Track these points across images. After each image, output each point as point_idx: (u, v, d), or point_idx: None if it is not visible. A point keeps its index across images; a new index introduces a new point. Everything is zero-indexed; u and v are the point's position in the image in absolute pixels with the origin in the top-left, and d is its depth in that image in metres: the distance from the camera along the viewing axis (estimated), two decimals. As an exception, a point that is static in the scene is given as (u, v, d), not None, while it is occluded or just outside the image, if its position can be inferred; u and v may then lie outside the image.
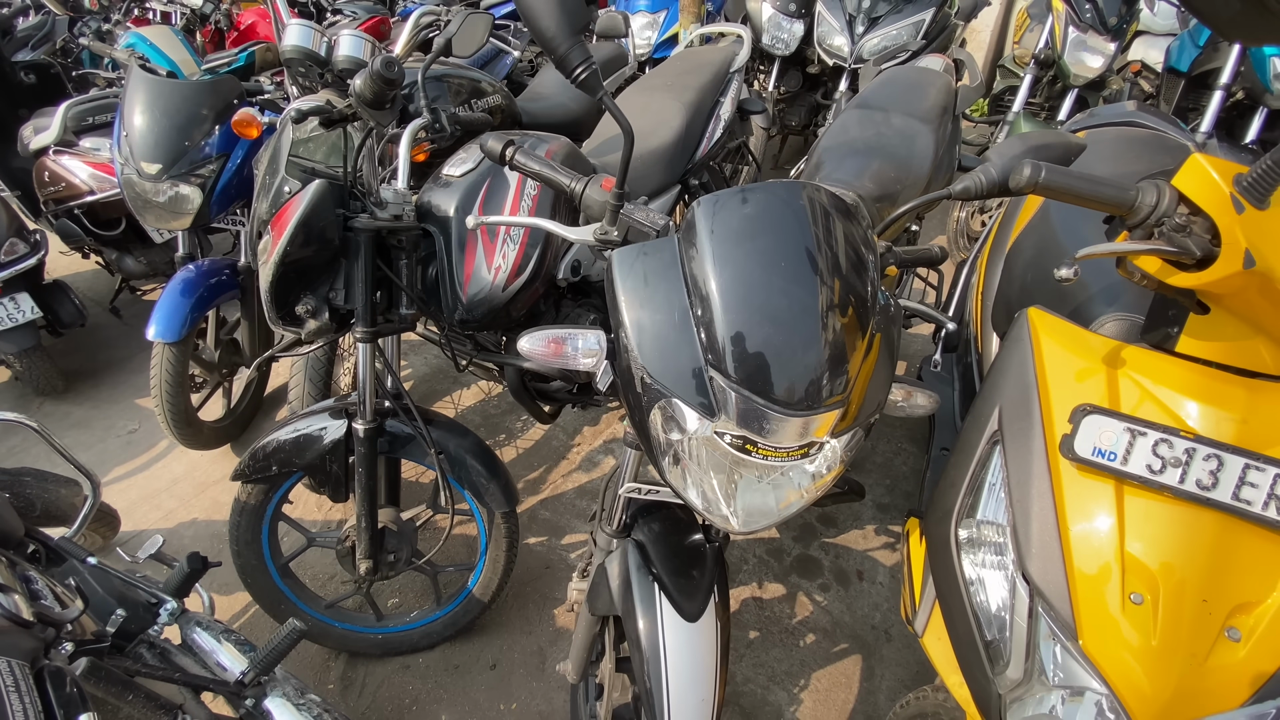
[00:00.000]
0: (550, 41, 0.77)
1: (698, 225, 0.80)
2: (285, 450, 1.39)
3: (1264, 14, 0.53)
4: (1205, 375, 0.76)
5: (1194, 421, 0.74)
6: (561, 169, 0.94)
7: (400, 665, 1.65)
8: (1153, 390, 0.77)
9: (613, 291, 0.82)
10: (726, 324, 0.75)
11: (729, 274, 0.76)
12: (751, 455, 0.77)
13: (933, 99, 1.76)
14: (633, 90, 2.08)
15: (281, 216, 1.15)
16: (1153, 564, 0.72)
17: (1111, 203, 0.73)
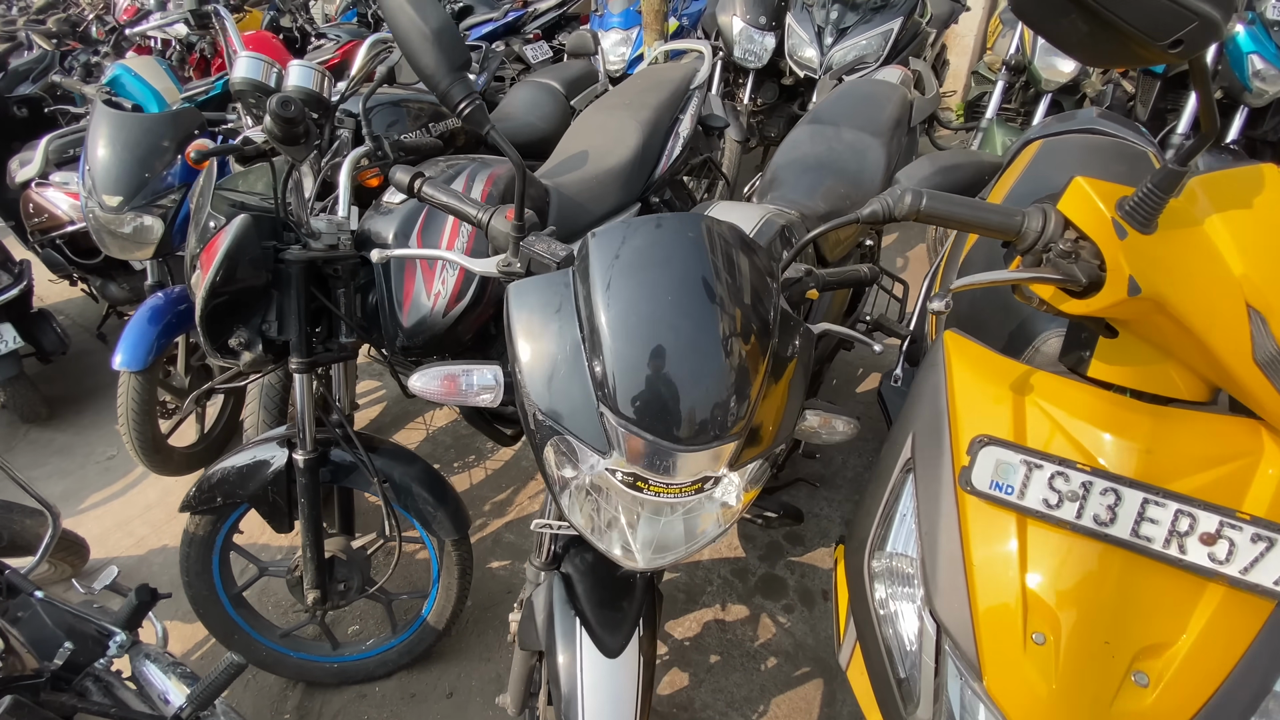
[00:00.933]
0: (431, 80, 0.77)
1: (590, 258, 0.79)
2: (230, 481, 1.39)
3: (1112, 35, 0.51)
4: (1111, 403, 0.74)
5: (1098, 451, 0.71)
6: (468, 200, 0.94)
7: (357, 694, 1.64)
8: (1058, 418, 0.75)
9: (508, 325, 0.81)
10: (615, 359, 0.73)
11: (617, 308, 0.74)
12: (644, 492, 0.75)
13: (886, 112, 1.74)
14: (591, 110, 2.08)
15: (209, 250, 1.16)
16: (1054, 602, 0.69)
17: (997, 229, 0.71)
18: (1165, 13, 0.49)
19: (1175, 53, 0.51)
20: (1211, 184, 0.69)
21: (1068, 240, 0.68)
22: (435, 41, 0.74)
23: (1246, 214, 0.65)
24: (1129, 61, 0.55)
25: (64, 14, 5.43)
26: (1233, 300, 0.64)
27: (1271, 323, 0.63)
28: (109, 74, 2.88)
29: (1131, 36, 0.51)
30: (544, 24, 4.44)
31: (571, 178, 1.83)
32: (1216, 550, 0.64)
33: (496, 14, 4.30)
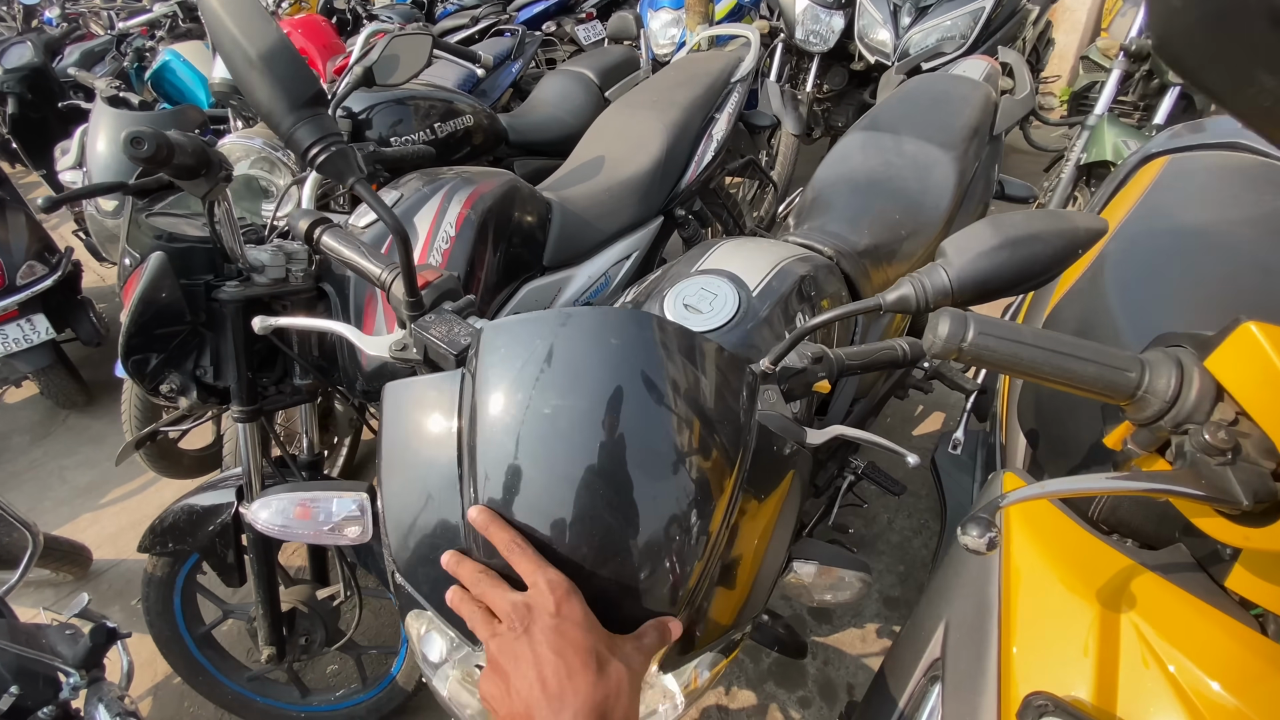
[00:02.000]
0: (269, 118, 0.56)
1: (480, 363, 0.57)
2: (179, 528, 1.28)
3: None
4: (1251, 650, 0.46)
5: (1216, 710, 0.44)
6: (373, 257, 0.73)
7: (324, 747, 1.53)
8: (1171, 665, 0.48)
9: (379, 440, 0.61)
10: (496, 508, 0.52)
11: (505, 438, 0.53)
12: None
13: (961, 118, 1.41)
14: (614, 108, 1.84)
15: (128, 289, 1.02)
16: None
17: (1096, 388, 0.44)
18: None
19: None
20: None
21: (1222, 423, 0.41)
22: (266, 69, 0.54)
23: None
24: None
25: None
26: None
27: None
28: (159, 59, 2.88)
29: None
30: (599, 2, 4.18)
31: (581, 190, 1.61)
32: None
33: (548, -9, 4.08)
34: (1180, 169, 1.27)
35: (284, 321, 0.76)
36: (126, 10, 4.35)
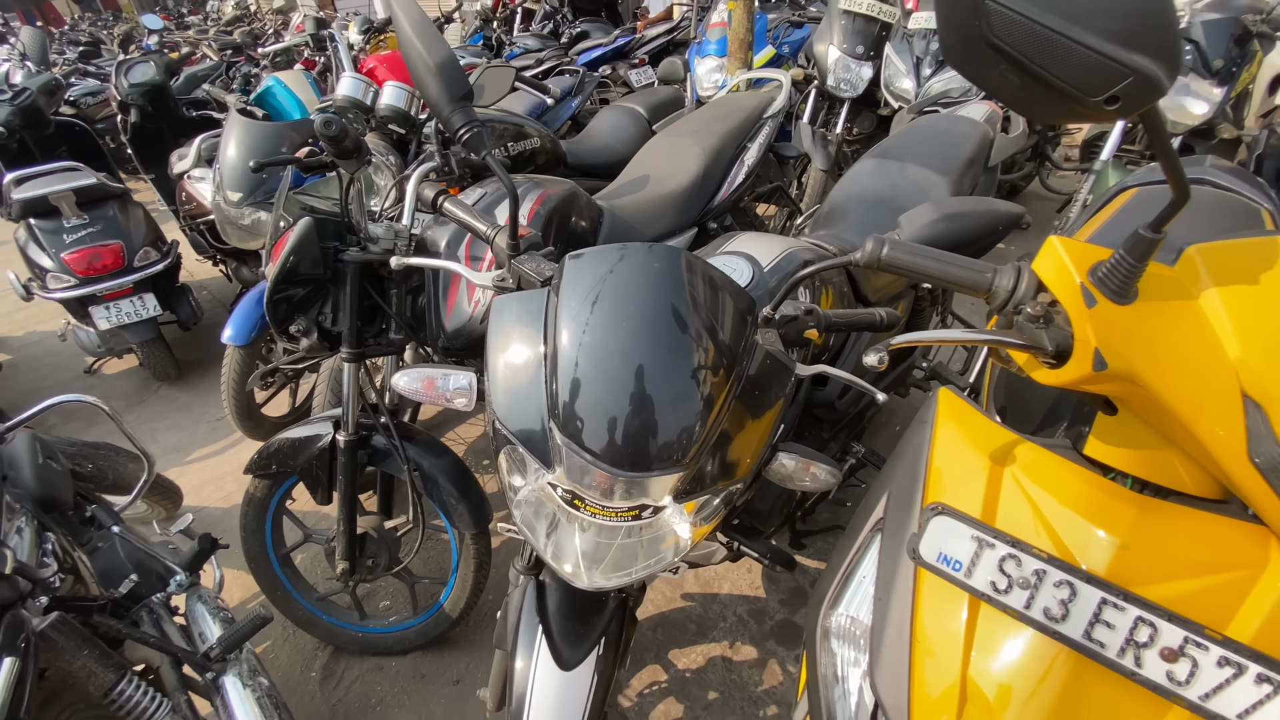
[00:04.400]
0: (435, 106, 0.84)
1: (564, 279, 0.82)
2: (284, 453, 1.54)
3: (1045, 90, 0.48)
4: (1097, 488, 0.67)
5: (1069, 540, 0.64)
6: (480, 217, 1.00)
7: (375, 665, 1.75)
8: (1035, 497, 0.68)
9: (488, 335, 0.86)
10: (566, 379, 0.76)
11: (575, 330, 0.77)
12: (580, 511, 0.77)
13: (959, 149, 1.65)
14: (661, 136, 2.13)
15: (279, 246, 1.31)
16: (993, 695, 0.63)
17: (965, 284, 0.67)
18: (1097, 68, 0.45)
19: (1113, 110, 0.46)
20: (1214, 253, 0.61)
21: (1040, 303, 0.63)
22: (439, 74, 0.81)
23: (1251, 290, 0.57)
24: (1068, 117, 0.50)
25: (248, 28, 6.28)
26: (1226, 387, 0.56)
27: (1273, 417, 0.55)
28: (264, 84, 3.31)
29: (1064, 92, 0.47)
30: (651, 50, 4.58)
31: (629, 200, 1.88)
32: (1176, 669, 0.56)
33: (606, 39, 4.50)
34: (1147, 196, 1.49)
35: (415, 261, 1.04)
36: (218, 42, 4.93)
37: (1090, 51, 0.45)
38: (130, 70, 3.68)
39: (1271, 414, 0.55)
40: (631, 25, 5.02)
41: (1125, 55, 0.44)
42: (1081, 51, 0.45)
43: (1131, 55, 0.44)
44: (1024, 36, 0.46)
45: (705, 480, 0.81)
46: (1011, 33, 0.46)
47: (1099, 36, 0.44)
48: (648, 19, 5.23)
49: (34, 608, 1.10)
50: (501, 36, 4.78)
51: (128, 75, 3.64)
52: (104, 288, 2.63)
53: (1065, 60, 0.46)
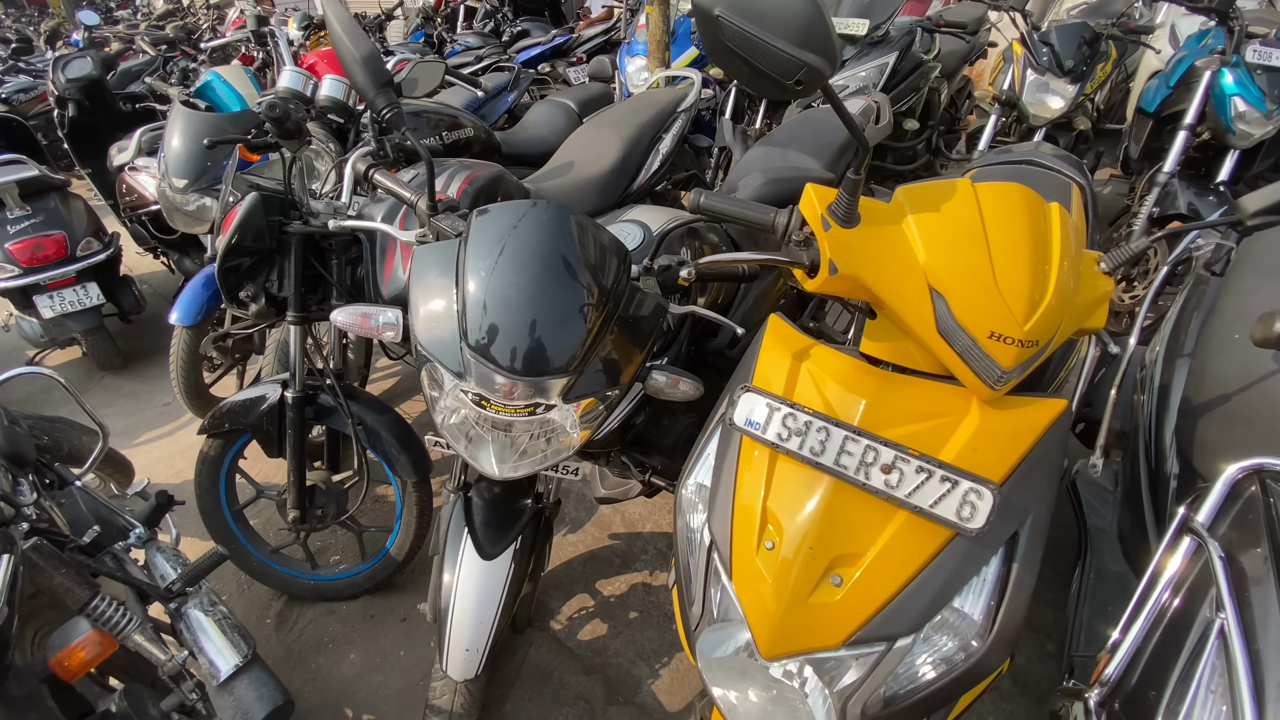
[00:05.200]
0: (362, 91, 1.03)
1: (470, 229, 1.03)
2: (236, 411, 1.69)
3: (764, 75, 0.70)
4: (855, 369, 0.91)
5: (834, 402, 0.88)
6: (406, 186, 1.20)
7: (327, 609, 1.91)
8: (816, 378, 0.92)
9: (410, 278, 1.06)
10: (473, 306, 0.97)
11: (479, 269, 0.98)
12: (487, 409, 0.98)
13: (834, 138, 1.92)
14: (585, 126, 2.34)
15: (228, 219, 1.47)
16: (783, 517, 0.87)
17: (756, 222, 0.91)
18: (785, 61, 0.68)
19: (800, 89, 0.70)
20: (914, 192, 0.86)
21: (804, 233, 0.87)
22: (364, 65, 1.01)
23: (934, 216, 0.82)
24: (779, 95, 0.73)
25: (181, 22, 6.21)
26: (918, 283, 0.81)
27: (949, 299, 0.80)
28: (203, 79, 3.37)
29: (770, 77, 0.70)
30: (589, 49, 4.79)
31: (553, 184, 2.09)
32: (891, 478, 0.80)
33: (544, 38, 4.69)
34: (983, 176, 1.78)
35: (350, 224, 1.22)
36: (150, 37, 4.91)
37: (779, 50, 0.68)
38: (68, 65, 3.68)
39: (949, 299, 0.80)
40: (570, 25, 5.22)
41: (799, 53, 0.67)
42: (774, 50, 0.68)
43: (803, 53, 0.67)
44: (742, 40, 0.68)
45: (589, 387, 1.03)
46: (735, 38, 0.69)
47: (783, 40, 0.67)
48: (589, 19, 5.43)
49: (17, 532, 1.24)
50: (443, 34, 4.91)
51: (65, 70, 3.64)
52: (47, 277, 2.68)
53: (766, 56, 0.68)
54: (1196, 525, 0.76)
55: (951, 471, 0.77)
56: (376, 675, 1.75)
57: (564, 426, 1.03)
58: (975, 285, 0.79)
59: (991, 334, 0.79)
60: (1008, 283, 0.79)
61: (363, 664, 1.77)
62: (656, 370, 1.12)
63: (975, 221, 0.81)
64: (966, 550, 0.81)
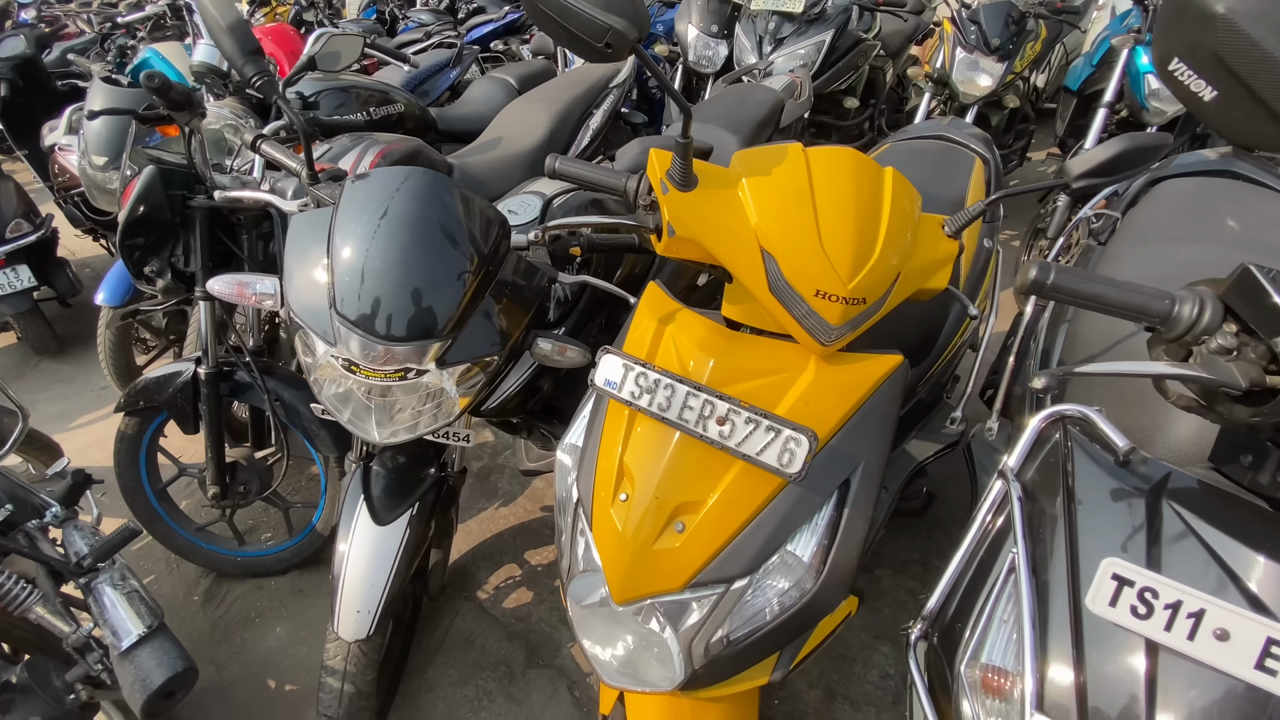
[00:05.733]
0: (231, 59, 1.03)
1: (343, 196, 1.04)
2: (150, 389, 1.69)
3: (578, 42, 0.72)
4: (708, 330, 0.94)
5: (686, 361, 0.92)
6: (292, 156, 1.20)
7: (255, 585, 1.93)
8: (675, 340, 0.96)
9: (283, 246, 1.07)
10: (340, 271, 0.98)
11: (349, 235, 0.99)
12: (356, 374, 1.00)
13: (752, 114, 1.94)
14: (516, 102, 2.34)
15: (126, 193, 1.45)
16: (636, 470, 0.91)
17: (609, 187, 0.94)
18: (592, 24, 0.70)
19: (610, 51, 0.72)
20: (749, 157, 0.89)
21: (650, 198, 0.90)
22: (230, 33, 1.01)
23: (766, 179, 0.85)
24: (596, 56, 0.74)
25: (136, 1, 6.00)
26: (751, 244, 0.84)
27: (778, 260, 0.83)
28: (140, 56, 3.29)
29: (582, 40, 0.72)
30: (542, 26, 4.73)
31: (481, 158, 2.09)
32: (725, 429, 0.84)
33: (497, 15, 4.63)
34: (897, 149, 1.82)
35: (235, 193, 1.22)
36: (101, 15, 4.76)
37: (586, 14, 0.70)
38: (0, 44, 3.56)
39: (779, 260, 0.83)
40: (523, 2, 5.14)
41: (605, 16, 0.70)
42: (582, 14, 0.70)
43: (609, 16, 0.70)
44: (554, 3, 0.70)
45: (466, 352, 1.05)
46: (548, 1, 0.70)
47: (589, 4, 0.70)
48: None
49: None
50: (395, 10, 4.82)
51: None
52: (-27, 259, 2.62)
53: (576, 19, 0.71)
54: (1006, 469, 0.81)
55: (777, 421, 0.81)
56: (302, 648, 1.77)
57: (442, 391, 1.05)
58: (802, 246, 0.83)
59: (818, 292, 0.82)
60: (832, 243, 0.82)
61: (289, 637, 1.80)
62: (542, 338, 1.15)
63: (804, 185, 0.85)
64: (798, 497, 0.85)
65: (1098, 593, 0.62)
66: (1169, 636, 0.59)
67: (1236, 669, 0.57)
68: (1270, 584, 0.61)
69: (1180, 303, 0.64)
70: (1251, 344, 0.62)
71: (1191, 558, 0.63)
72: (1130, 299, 0.65)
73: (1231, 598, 0.60)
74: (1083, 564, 0.68)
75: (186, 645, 1.80)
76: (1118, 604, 0.61)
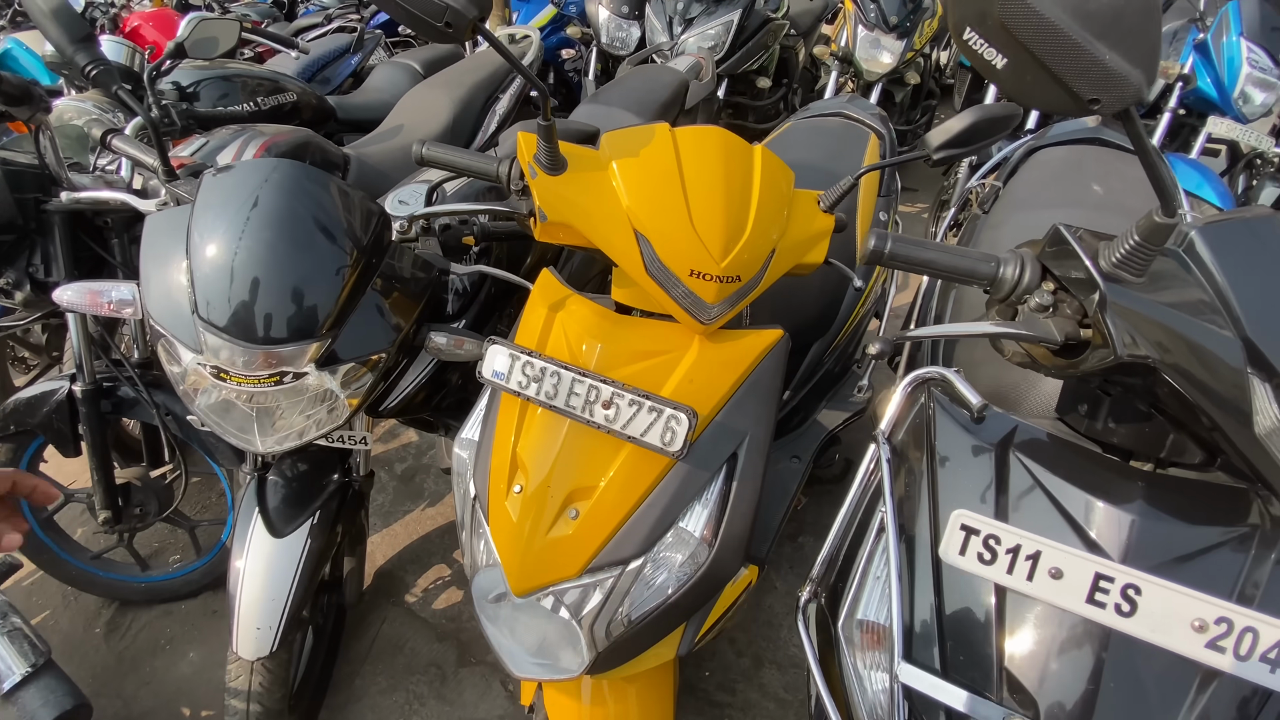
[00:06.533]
0: (60, 48, 0.94)
1: (199, 192, 0.97)
2: (20, 412, 1.55)
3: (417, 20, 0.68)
4: (596, 315, 0.94)
5: (576, 346, 0.91)
6: (145, 150, 1.11)
7: (164, 611, 1.82)
8: (564, 326, 0.94)
9: (141, 250, 1.00)
10: (202, 273, 0.92)
11: (208, 232, 0.93)
12: (226, 382, 0.94)
13: (657, 95, 1.94)
14: (416, 88, 2.25)
15: (-33, 199, 1.32)
16: (529, 461, 0.90)
17: (481, 173, 0.92)
18: (432, 3, 0.67)
19: (450, 31, 0.69)
20: (617, 139, 0.89)
21: (522, 182, 0.88)
22: (54, 18, 0.92)
23: (634, 161, 0.85)
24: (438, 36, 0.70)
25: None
26: (624, 227, 0.84)
27: (652, 241, 0.83)
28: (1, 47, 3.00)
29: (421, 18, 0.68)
30: (453, 8, 4.56)
31: (380, 148, 2.01)
32: (610, 413, 0.83)
33: None
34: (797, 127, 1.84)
35: (84, 194, 1.12)
36: None
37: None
38: None
39: (652, 241, 0.83)
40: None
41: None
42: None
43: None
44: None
45: (350, 351, 1.01)
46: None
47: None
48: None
49: None
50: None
51: None
52: None
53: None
54: (878, 433, 0.84)
55: (659, 402, 0.81)
56: (218, 671, 1.68)
57: (329, 394, 1.01)
58: (674, 226, 0.83)
59: (693, 272, 0.83)
60: (703, 222, 0.82)
61: (203, 661, 1.71)
62: (437, 332, 1.11)
63: (672, 165, 0.84)
64: (687, 474, 0.86)
65: (949, 543, 0.65)
66: (1011, 579, 0.63)
67: (1070, 604, 0.61)
68: (1102, 524, 0.65)
69: (1004, 265, 0.68)
70: (1067, 300, 0.65)
71: (1035, 505, 0.67)
72: (959, 263, 0.69)
73: (1068, 539, 0.64)
74: (941, 517, 0.71)
75: (89, 680, 1.70)
76: (966, 552, 0.65)
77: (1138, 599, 0.58)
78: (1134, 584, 0.59)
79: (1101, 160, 1.54)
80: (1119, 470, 0.70)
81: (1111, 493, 0.66)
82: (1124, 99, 0.51)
